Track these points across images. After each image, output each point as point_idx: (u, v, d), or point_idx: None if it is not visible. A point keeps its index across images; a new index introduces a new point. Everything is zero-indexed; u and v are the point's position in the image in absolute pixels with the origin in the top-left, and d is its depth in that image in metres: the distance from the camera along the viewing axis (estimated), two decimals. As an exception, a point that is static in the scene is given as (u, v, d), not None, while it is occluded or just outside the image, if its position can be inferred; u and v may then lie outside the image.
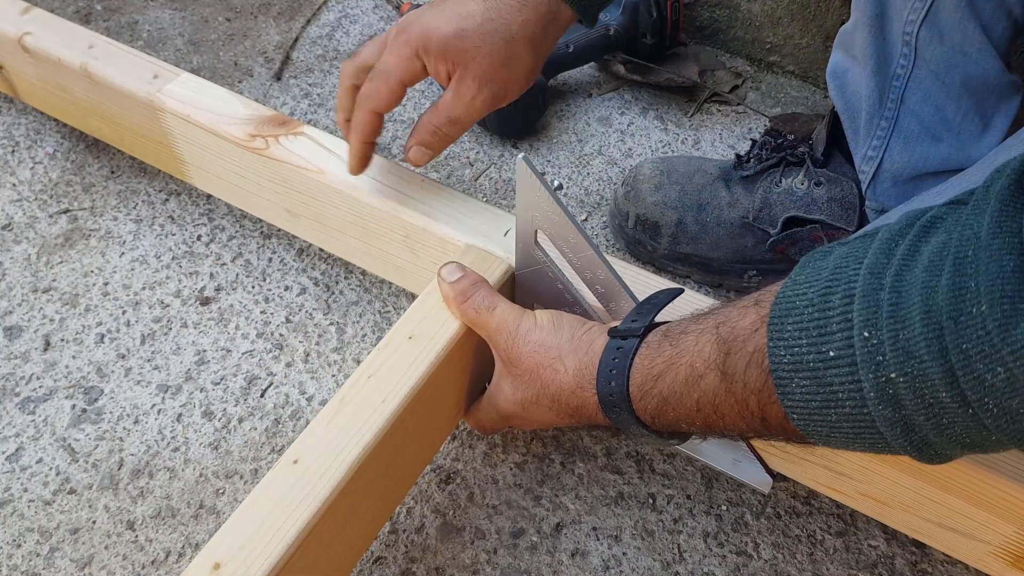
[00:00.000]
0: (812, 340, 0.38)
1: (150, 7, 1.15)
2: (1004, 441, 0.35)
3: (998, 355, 0.32)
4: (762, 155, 0.83)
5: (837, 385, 0.38)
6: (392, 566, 0.64)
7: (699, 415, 0.46)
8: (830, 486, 0.61)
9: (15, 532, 0.65)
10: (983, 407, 0.34)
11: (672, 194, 0.83)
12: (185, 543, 0.65)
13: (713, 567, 0.65)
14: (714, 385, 0.44)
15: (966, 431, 0.35)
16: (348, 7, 1.17)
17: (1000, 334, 0.32)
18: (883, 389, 0.36)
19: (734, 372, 0.43)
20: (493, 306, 0.57)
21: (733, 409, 0.44)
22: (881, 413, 0.37)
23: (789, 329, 0.39)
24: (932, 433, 0.36)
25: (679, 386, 0.46)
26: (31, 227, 0.86)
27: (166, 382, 0.75)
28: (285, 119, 0.73)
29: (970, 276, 0.33)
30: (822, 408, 0.39)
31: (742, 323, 0.43)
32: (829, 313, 0.38)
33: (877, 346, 0.36)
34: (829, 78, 0.80)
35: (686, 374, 0.46)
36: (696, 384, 0.45)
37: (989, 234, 0.33)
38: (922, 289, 0.35)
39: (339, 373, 0.76)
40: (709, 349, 0.45)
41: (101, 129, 0.85)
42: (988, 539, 0.55)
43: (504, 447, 0.71)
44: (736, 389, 0.43)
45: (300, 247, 0.86)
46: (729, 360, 0.43)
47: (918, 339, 0.35)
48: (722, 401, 0.44)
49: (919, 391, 0.35)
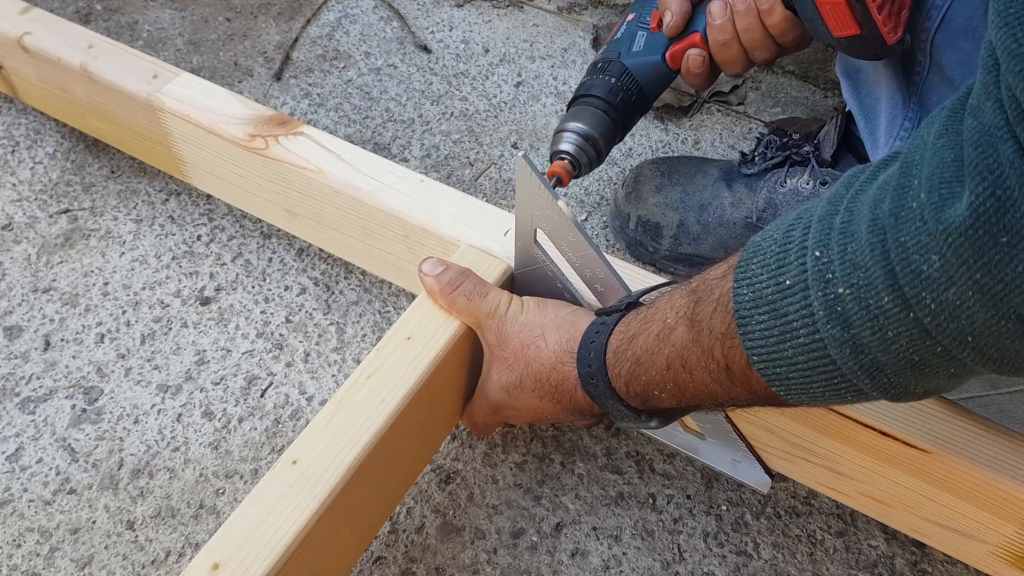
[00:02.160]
0: (771, 273, 0.39)
1: (150, 7, 1.15)
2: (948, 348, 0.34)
3: (933, 242, 0.32)
4: (767, 153, 0.83)
5: (792, 314, 0.38)
6: (392, 566, 0.64)
7: (669, 374, 0.45)
8: (831, 487, 0.61)
9: (15, 532, 0.65)
10: (921, 304, 0.33)
11: (674, 195, 0.83)
12: (185, 543, 0.65)
13: (713, 567, 0.65)
14: (682, 337, 0.44)
15: (911, 343, 0.35)
16: (348, 7, 1.17)
17: (934, 218, 0.32)
18: (832, 307, 0.36)
19: (701, 319, 0.43)
20: (484, 292, 0.58)
21: (700, 361, 0.43)
22: (830, 333, 0.37)
23: (753, 267, 0.40)
24: (880, 351, 0.36)
25: (651, 342, 0.46)
26: (31, 227, 0.86)
27: (166, 382, 0.75)
28: (285, 119, 0.73)
29: (915, 175, 0.33)
30: (779, 343, 0.39)
31: (713, 274, 0.44)
32: (788, 246, 0.38)
33: (827, 264, 0.36)
34: (841, 77, 0.79)
35: (658, 329, 0.46)
36: (667, 339, 0.45)
37: (935, 136, 0.33)
38: (872, 203, 0.35)
39: (339, 373, 0.76)
40: (681, 302, 0.45)
41: (101, 129, 0.85)
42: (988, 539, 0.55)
43: (504, 447, 0.71)
44: (702, 338, 0.42)
45: (300, 247, 0.86)
46: (698, 308, 0.43)
47: (863, 248, 0.35)
48: (689, 353, 0.44)
49: (864, 302, 0.35)
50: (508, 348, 0.56)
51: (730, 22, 0.70)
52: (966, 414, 0.55)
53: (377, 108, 1.02)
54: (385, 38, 1.13)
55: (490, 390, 0.59)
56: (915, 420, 0.55)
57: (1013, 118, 0.29)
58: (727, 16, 0.69)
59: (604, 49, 0.77)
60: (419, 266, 0.60)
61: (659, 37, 0.75)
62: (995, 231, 0.30)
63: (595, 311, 0.55)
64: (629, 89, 0.74)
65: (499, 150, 0.98)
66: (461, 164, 0.96)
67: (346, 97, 1.03)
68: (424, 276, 0.59)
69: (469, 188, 0.93)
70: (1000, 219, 0.30)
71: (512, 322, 0.56)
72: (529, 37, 1.14)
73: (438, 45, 1.12)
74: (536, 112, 1.03)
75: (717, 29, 0.69)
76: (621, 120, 0.73)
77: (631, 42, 0.75)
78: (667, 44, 0.73)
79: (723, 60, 0.71)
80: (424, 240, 0.66)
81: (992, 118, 0.30)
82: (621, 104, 0.73)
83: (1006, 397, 0.53)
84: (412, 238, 0.67)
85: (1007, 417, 0.54)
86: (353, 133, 0.99)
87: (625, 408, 0.50)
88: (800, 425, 0.58)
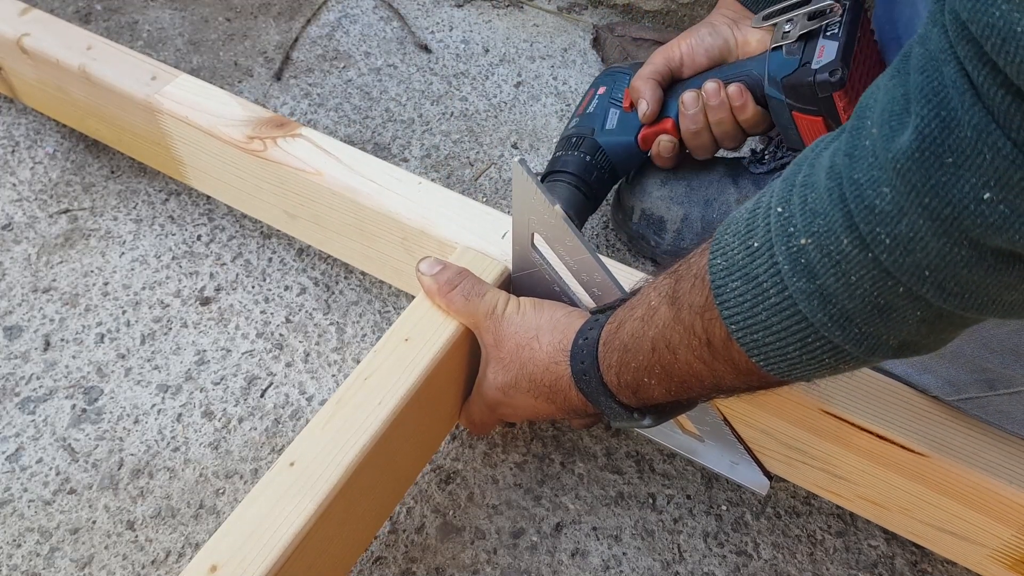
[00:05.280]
0: (741, 239, 0.39)
1: (150, 7, 1.15)
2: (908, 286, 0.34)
3: (884, 175, 0.32)
4: (778, 152, 0.82)
5: (762, 275, 0.38)
6: (392, 566, 0.64)
7: (655, 357, 0.45)
8: (829, 489, 0.61)
9: (15, 532, 0.65)
10: (877, 240, 0.33)
11: (679, 189, 0.83)
12: (185, 543, 0.65)
13: (713, 567, 0.65)
14: (665, 316, 0.44)
15: (873, 285, 0.35)
16: (348, 7, 1.17)
17: (884, 149, 0.32)
18: (796, 260, 0.36)
19: (681, 295, 0.43)
20: (481, 292, 0.58)
21: (683, 340, 0.43)
22: (797, 286, 0.37)
23: (726, 238, 0.40)
24: (845, 297, 0.36)
25: (637, 326, 0.46)
26: (31, 227, 0.86)
27: (166, 382, 0.75)
28: (283, 121, 0.73)
29: (867, 117, 0.34)
30: (753, 307, 0.39)
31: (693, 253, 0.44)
32: (757, 211, 0.39)
33: (788, 218, 0.37)
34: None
35: (642, 312, 0.46)
36: (651, 320, 0.45)
37: (887, 79, 0.33)
38: (831, 154, 0.36)
39: (339, 373, 0.76)
40: (664, 283, 0.45)
41: (100, 130, 0.85)
42: (986, 542, 0.55)
43: (504, 447, 0.71)
44: (683, 315, 0.43)
45: (300, 247, 0.86)
46: (678, 286, 0.43)
47: (822, 195, 0.35)
48: (672, 332, 0.43)
49: (825, 249, 0.35)
50: (504, 349, 0.56)
51: (702, 113, 0.72)
52: (963, 417, 0.55)
53: (377, 108, 1.02)
54: (385, 38, 1.13)
55: (487, 389, 0.59)
56: (912, 424, 0.55)
57: (955, 39, 0.29)
58: (699, 107, 0.72)
59: (577, 122, 0.79)
60: (416, 265, 0.60)
61: (632, 117, 0.77)
62: (941, 152, 0.30)
63: (590, 311, 0.55)
64: (603, 167, 0.77)
65: (499, 150, 0.98)
66: (461, 164, 0.96)
67: (346, 97, 1.03)
68: (421, 276, 0.59)
69: (469, 188, 0.93)
70: (945, 140, 0.30)
71: (509, 323, 0.56)
72: (529, 37, 1.14)
73: (438, 45, 1.12)
74: (536, 112, 1.03)
75: (690, 119, 0.72)
76: (593, 195, 0.77)
77: (604, 119, 0.78)
78: (640, 127, 0.76)
79: (694, 147, 0.75)
80: (422, 242, 0.66)
81: (937, 43, 0.30)
82: (595, 181, 0.77)
83: (1004, 399, 0.53)
84: (410, 240, 0.67)
85: (1006, 419, 0.54)
86: (353, 133, 0.99)
87: (617, 405, 0.50)
88: (797, 428, 0.58)
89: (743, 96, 0.70)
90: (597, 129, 0.77)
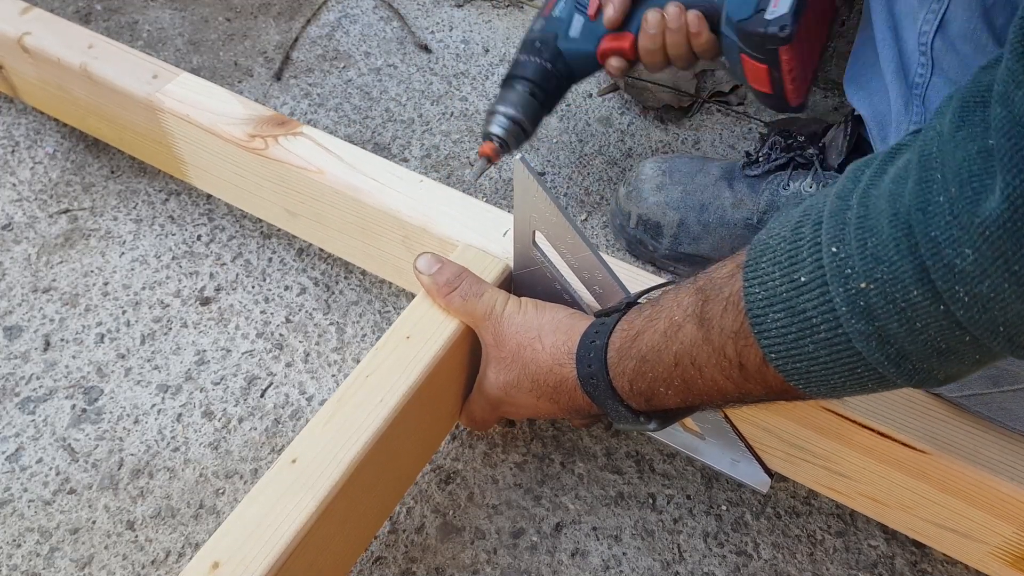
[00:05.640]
0: (784, 271, 0.39)
1: (150, 7, 1.15)
2: (978, 337, 0.34)
3: (967, 236, 0.32)
4: (771, 155, 0.83)
5: (811, 310, 0.38)
6: (392, 566, 0.64)
7: (677, 371, 0.45)
8: (829, 486, 0.61)
9: (15, 532, 0.65)
10: (954, 297, 0.33)
11: (674, 194, 0.83)
12: (185, 543, 0.65)
13: (713, 567, 0.65)
14: (692, 334, 0.44)
15: (940, 333, 0.35)
16: (348, 7, 1.17)
17: (968, 213, 0.32)
18: (854, 302, 0.36)
19: (711, 318, 0.43)
20: (480, 292, 0.58)
21: (711, 360, 0.43)
22: (855, 328, 0.37)
23: (763, 266, 0.40)
24: (907, 341, 0.36)
25: (657, 340, 0.46)
26: (31, 227, 0.86)
27: (166, 382, 0.75)
28: (284, 119, 0.73)
29: (936, 169, 0.33)
30: (798, 339, 0.39)
31: (719, 272, 0.43)
32: (799, 243, 0.39)
33: (845, 259, 0.36)
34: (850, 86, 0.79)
35: (665, 326, 0.45)
36: (674, 336, 0.45)
37: (952, 127, 0.33)
38: (889, 197, 0.35)
39: (339, 373, 0.76)
40: (688, 300, 0.44)
41: (101, 129, 0.85)
42: (987, 539, 0.55)
43: (504, 447, 0.71)
44: (713, 336, 0.42)
45: (300, 247, 0.86)
46: (706, 307, 0.43)
47: (887, 243, 0.35)
48: (699, 351, 0.43)
49: (890, 296, 0.35)
50: (505, 348, 0.56)
51: (661, 35, 0.74)
52: (964, 415, 0.55)
53: (377, 108, 1.02)
54: (385, 38, 1.13)
55: (488, 388, 0.59)
56: (913, 421, 0.55)
57: None
58: (659, 29, 0.73)
59: (542, 25, 0.80)
60: (414, 263, 0.60)
61: (596, 26, 0.78)
62: None
63: (594, 313, 0.55)
64: (560, 75, 0.78)
65: (499, 150, 0.98)
66: (461, 164, 0.96)
67: (346, 97, 1.04)
68: (420, 274, 0.59)
69: (469, 188, 0.94)
70: None
71: (509, 323, 0.56)
72: (529, 37, 1.14)
73: (438, 45, 1.12)
74: (536, 112, 1.03)
75: (649, 38, 0.74)
76: (549, 102, 0.79)
77: (568, 25, 0.78)
78: (601, 36, 0.77)
79: (647, 63, 0.77)
80: (423, 240, 0.66)
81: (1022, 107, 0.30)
82: (553, 89, 0.79)
83: (1008, 395, 0.53)
84: (411, 238, 0.67)
85: (1008, 415, 0.54)
86: (353, 133, 0.99)
87: (624, 409, 0.50)
88: (799, 426, 0.58)
89: (700, 25, 0.72)
90: (560, 35, 0.78)
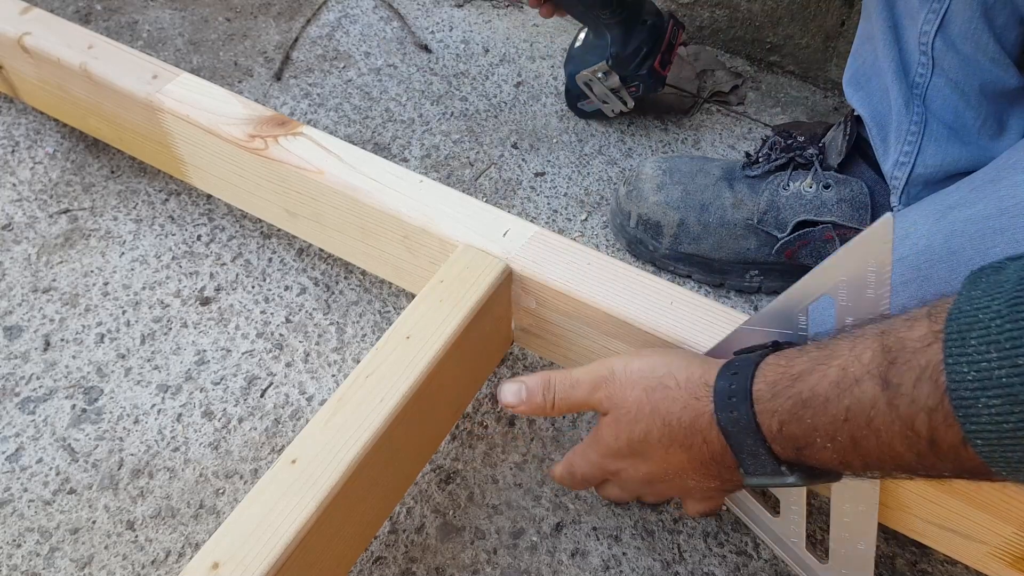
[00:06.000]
0: (1004, 353, 0.35)
1: (150, 7, 1.15)
2: None
3: None
4: (771, 155, 0.83)
5: None
6: (392, 566, 0.64)
7: (846, 426, 0.41)
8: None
9: (15, 532, 0.65)
10: None
11: (675, 194, 0.83)
12: (185, 543, 0.65)
13: (713, 567, 0.65)
14: (872, 394, 0.39)
15: None
16: (348, 7, 1.17)
17: None
18: None
19: (899, 384, 0.38)
20: (572, 382, 0.54)
21: (893, 426, 0.39)
22: None
23: (973, 343, 0.36)
24: None
25: (825, 388, 0.41)
26: (31, 227, 0.86)
27: (166, 382, 0.75)
28: (284, 119, 0.73)
29: None
30: (1016, 430, 0.35)
31: (911, 334, 0.39)
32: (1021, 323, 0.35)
33: None
34: (850, 86, 0.79)
35: (837, 376, 0.41)
36: (848, 390, 0.40)
37: None
38: None
39: (339, 373, 0.76)
40: (869, 356, 0.40)
41: (101, 129, 0.85)
42: (987, 540, 0.55)
43: (504, 447, 0.71)
44: (901, 404, 0.38)
45: (300, 247, 0.86)
46: (894, 370, 0.39)
47: None
48: (880, 415, 0.39)
49: None
50: (628, 401, 0.51)
51: None
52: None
53: (377, 108, 1.02)
54: (385, 38, 1.13)
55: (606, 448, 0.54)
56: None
57: None
58: None
59: None
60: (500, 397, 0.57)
61: None
62: None
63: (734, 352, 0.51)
64: None
65: (499, 150, 0.98)
66: (461, 164, 0.96)
67: (346, 97, 1.04)
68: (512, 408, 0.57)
69: (469, 188, 0.94)
70: None
71: (626, 375, 0.52)
72: (529, 37, 1.14)
73: (438, 45, 1.12)
74: (536, 112, 1.03)
75: None
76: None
77: None
78: None
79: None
80: (423, 240, 0.66)
81: None
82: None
83: None
84: (411, 238, 0.67)
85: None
86: (353, 133, 0.99)
87: (765, 452, 0.45)
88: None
89: None
90: None
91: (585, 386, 0.54)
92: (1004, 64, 0.69)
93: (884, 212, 0.78)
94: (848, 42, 1.00)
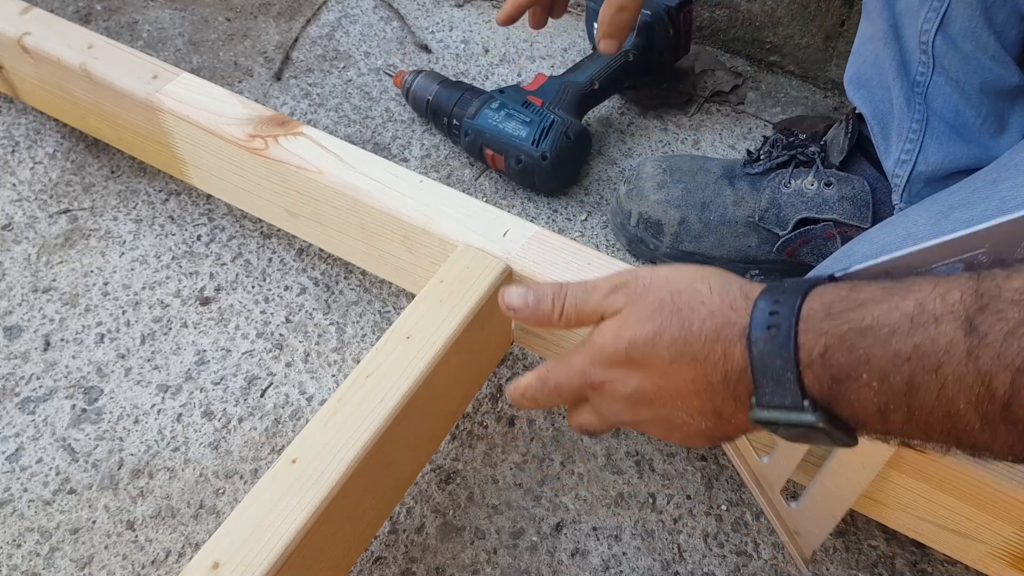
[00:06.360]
0: None
1: (150, 7, 1.15)
2: None
3: None
4: (772, 153, 0.83)
5: None
6: (392, 566, 0.64)
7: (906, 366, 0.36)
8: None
9: (15, 532, 0.65)
10: None
11: (675, 192, 0.83)
12: (185, 543, 0.65)
13: (713, 567, 0.65)
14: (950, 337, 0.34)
15: None
16: (348, 7, 1.17)
17: None
18: None
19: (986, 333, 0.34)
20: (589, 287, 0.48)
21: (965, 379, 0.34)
22: None
23: None
24: None
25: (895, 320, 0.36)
26: (31, 227, 0.86)
27: (166, 382, 0.75)
28: (284, 119, 0.73)
29: None
30: None
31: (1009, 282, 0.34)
32: None
33: None
34: (851, 86, 0.79)
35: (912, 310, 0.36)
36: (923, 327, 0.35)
37: None
38: None
39: (339, 373, 0.76)
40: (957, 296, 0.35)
41: (101, 129, 0.85)
42: (987, 539, 0.55)
43: (504, 447, 0.71)
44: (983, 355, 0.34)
45: (300, 247, 0.86)
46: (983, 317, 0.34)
47: None
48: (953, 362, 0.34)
49: None
50: (648, 299, 0.45)
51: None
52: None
53: (377, 108, 1.02)
54: (385, 38, 1.13)
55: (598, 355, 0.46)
56: (914, 420, 0.55)
57: None
58: None
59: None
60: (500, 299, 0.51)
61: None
62: None
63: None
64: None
65: (499, 150, 0.98)
66: (461, 164, 0.96)
67: (346, 97, 1.04)
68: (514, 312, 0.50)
69: (469, 188, 0.94)
70: None
71: (652, 277, 0.45)
72: (529, 37, 1.14)
73: (438, 45, 1.12)
74: (536, 112, 1.03)
75: None
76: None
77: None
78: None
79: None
80: (423, 240, 0.66)
81: None
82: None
83: None
84: (411, 238, 0.67)
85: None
86: (353, 133, 0.99)
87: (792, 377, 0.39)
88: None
89: None
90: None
91: (603, 289, 0.47)
92: (1005, 62, 0.69)
93: (885, 210, 0.78)
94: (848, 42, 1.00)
